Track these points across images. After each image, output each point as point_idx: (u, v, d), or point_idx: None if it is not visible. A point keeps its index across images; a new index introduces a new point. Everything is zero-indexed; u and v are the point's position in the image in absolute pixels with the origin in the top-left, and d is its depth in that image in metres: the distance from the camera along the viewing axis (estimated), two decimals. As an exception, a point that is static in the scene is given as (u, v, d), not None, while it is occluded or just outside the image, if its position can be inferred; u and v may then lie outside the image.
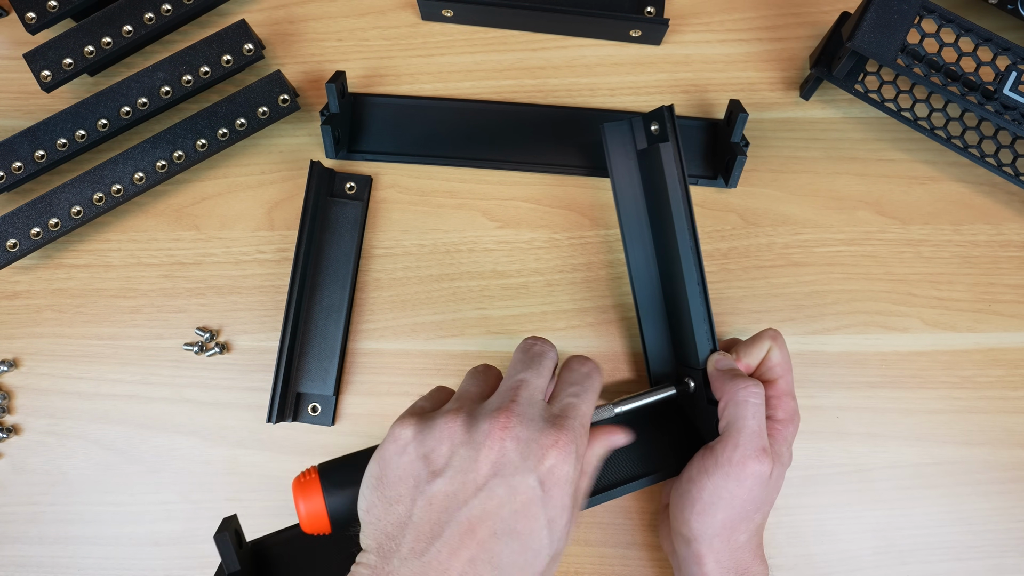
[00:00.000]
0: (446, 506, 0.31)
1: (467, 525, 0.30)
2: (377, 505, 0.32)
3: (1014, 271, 0.49)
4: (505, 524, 0.31)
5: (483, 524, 0.30)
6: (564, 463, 0.32)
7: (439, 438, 0.32)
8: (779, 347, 0.42)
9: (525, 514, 0.31)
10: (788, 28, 0.51)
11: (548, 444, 0.32)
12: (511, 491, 0.31)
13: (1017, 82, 0.43)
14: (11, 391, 0.49)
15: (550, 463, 0.32)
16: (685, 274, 0.41)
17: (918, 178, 0.50)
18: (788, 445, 0.41)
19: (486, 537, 0.30)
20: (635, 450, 0.43)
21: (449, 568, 0.30)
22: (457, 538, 0.30)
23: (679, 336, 0.45)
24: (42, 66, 0.47)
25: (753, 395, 0.38)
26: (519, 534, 0.31)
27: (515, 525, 0.31)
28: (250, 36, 0.48)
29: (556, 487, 0.32)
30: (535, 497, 0.31)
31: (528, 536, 0.31)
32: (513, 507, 0.31)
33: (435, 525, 0.31)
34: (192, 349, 0.48)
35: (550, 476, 0.32)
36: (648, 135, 0.44)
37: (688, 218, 0.41)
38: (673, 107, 0.41)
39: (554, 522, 0.32)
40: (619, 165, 0.46)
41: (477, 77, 0.51)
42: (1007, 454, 0.47)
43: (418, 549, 0.30)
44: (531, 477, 0.31)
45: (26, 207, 0.46)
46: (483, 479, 0.31)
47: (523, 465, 0.31)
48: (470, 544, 0.30)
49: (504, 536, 0.31)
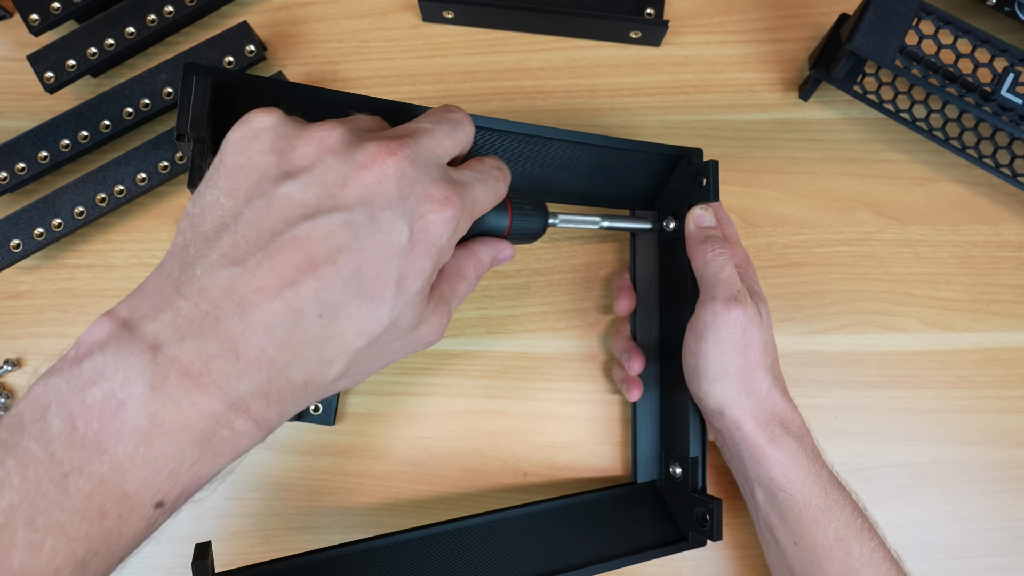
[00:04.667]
0: (287, 216, 0.25)
1: (305, 244, 0.25)
2: (204, 195, 0.26)
3: (1011, 271, 0.49)
4: (351, 259, 0.25)
5: (324, 249, 0.25)
6: (443, 225, 0.27)
7: (307, 139, 0.27)
8: (715, 209, 0.43)
9: (377, 259, 0.26)
10: (787, 30, 0.51)
11: (434, 197, 0.27)
12: (373, 225, 0.26)
13: (1015, 83, 0.43)
14: (14, 391, 0.49)
15: (429, 218, 0.27)
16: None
17: (916, 179, 0.50)
18: (756, 283, 0.42)
19: (322, 265, 0.25)
20: (611, 530, 0.43)
21: (263, 287, 0.24)
22: (287, 254, 0.24)
23: (670, 422, 0.45)
24: (45, 68, 0.47)
25: (719, 254, 0.39)
26: (362, 278, 0.25)
27: (361, 265, 0.25)
28: (252, 38, 0.48)
29: (423, 245, 0.27)
30: (397, 245, 0.26)
31: (371, 285, 0.26)
32: (367, 243, 0.26)
33: (265, 232, 0.25)
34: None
35: (423, 231, 0.27)
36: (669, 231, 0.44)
37: None
38: (718, 163, 0.41)
39: (405, 283, 0.27)
40: (641, 244, 0.47)
41: (478, 78, 0.51)
42: (1004, 453, 0.48)
43: (234, 256, 0.24)
44: (402, 221, 0.26)
45: (29, 208, 0.47)
46: (346, 200, 0.26)
47: (399, 205, 0.26)
48: (301, 267, 0.24)
49: (343, 273, 0.25)
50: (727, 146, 0.50)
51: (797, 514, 0.38)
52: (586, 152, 0.41)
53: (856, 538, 0.38)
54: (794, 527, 0.39)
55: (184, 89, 0.31)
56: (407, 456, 0.48)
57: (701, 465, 0.42)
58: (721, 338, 0.38)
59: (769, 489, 0.39)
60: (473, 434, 0.48)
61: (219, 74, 0.32)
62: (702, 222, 0.41)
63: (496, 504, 0.47)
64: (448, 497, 0.47)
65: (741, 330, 0.38)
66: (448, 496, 0.47)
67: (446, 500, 0.47)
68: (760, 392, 0.39)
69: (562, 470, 0.48)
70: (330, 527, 0.47)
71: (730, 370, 0.38)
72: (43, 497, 0.21)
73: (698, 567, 0.47)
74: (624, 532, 0.42)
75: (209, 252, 0.25)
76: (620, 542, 0.42)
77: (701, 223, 0.41)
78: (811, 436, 0.40)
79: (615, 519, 0.43)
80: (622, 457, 0.48)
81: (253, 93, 0.34)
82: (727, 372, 0.38)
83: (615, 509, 0.44)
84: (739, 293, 0.38)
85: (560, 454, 0.48)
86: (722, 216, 0.44)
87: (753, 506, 0.41)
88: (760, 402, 0.39)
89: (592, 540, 0.42)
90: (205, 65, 0.32)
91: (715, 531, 0.39)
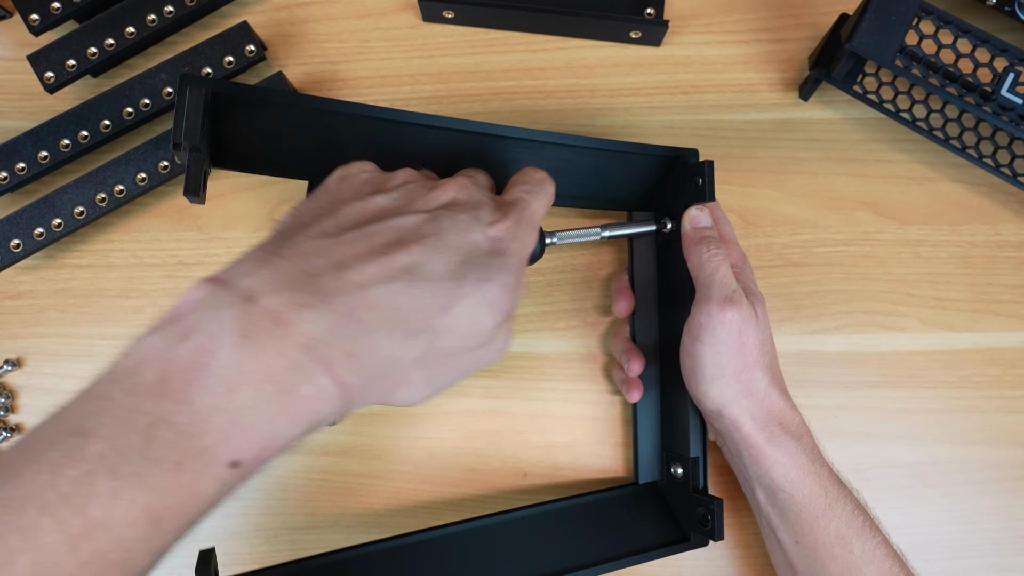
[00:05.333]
0: (380, 215, 0.28)
1: (396, 230, 0.27)
2: (304, 205, 0.30)
3: (1011, 271, 0.49)
4: (437, 243, 0.27)
5: (413, 235, 0.27)
6: (512, 239, 0.30)
7: (395, 175, 0.32)
8: (711, 209, 0.43)
9: (459, 248, 0.28)
10: (787, 30, 0.51)
11: (497, 217, 0.30)
12: (453, 222, 0.28)
13: (1015, 83, 0.43)
14: (15, 390, 0.49)
15: (497, 232, 0.30)
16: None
17: (916, 179, 0.50)
18: (753, 283, 0.42)
19: (411, 244, 0.27)
20: (614, 531, 0.43)
21: (359, 255, 0.26)
22: (380, 236, 0.27)
23: (670, 422, 0.45)
24: (45, 67, 0.47)
25: (715, 254, 0.39)
26: (448, 259, 0.27)
27: (446, 250, 0.27)
28: (252, 37, 0.48)
29: (500, 256, 0.29)
30: (478, 246, 0.29)
31: (455, 268, 0.27)
32: (450, 235, 0.28)
33: (358, 220, 0.28)
34: None
35: (497, 241, 0.29)
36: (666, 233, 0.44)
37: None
38: (713, 163, 0.41)
39: (487, 273, 0.28)
40: (639, 246, 0.47)
41: (478, 78, 0.51)
42: (1004, 453, 0.48)
43: (332, 233, 0.27)
44: (478, 230, 0.29)
45: (29, 208, 0.47)
46: (432, 205, 0.29)
47: (472, 211, 0.29)
48: (392, 243, 0.27)
49: (430, 252, 0.27)
50: (727, 146, 0.50)
51: (798, 513, 0.38)
52: (581, 155, 0.41)
53: (858, 536, 0.38)
54: (795, 526, 0.39)
55: (179, 100, 0.32)
56: (407, 456, 0.48)
57: (702, 465, 0.42)
58: (717, 339, 0.38)
59: (769, 489, 0.39)
60: (473, 434, 0.48)
61: (214, 85, 0.32)
62: (698, 222, 0.41)
63: (496, 504, 0.47)
64: (448, 497, 0.47)
65: (737, 330, 0.38)
66: (448, 496, 0.47)
67: (446, 499, 0.47)
68: (758, 392, 0.39)
69: (562, 470, 0.48)
70: (330, 527, 0.47)
71: (727, 371, 0.38)
72: (128, 447, 0.22)
73: (697, 567, 0.47)
74: (626, 533, 0.42)
75: (309, 230, 0.27)
76: (622, 543, 0.42)
77: (697, 223, 0.41)
78: (811, 435, 0.40)
79: (617, 520, 0.43)
80: (622, 457, 0.48)
81: (250, 101, 0.34)
82: (724, 373, 0.38)
83: (617, 510, 0.44)
84: (734, 293, 0.38)
85: (560, 454, 0.48)
86: (718, 216, 0.44)
87: (755, 506, 0.41)
88: (758, 402, 0.39)
89: (594, 541, 0.42)
90: (200, 77, 0.32)
91: (717, 531, 0.39)
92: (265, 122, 0.35)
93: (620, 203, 0.46)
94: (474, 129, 0.37)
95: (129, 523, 0.22)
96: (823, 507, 0.38)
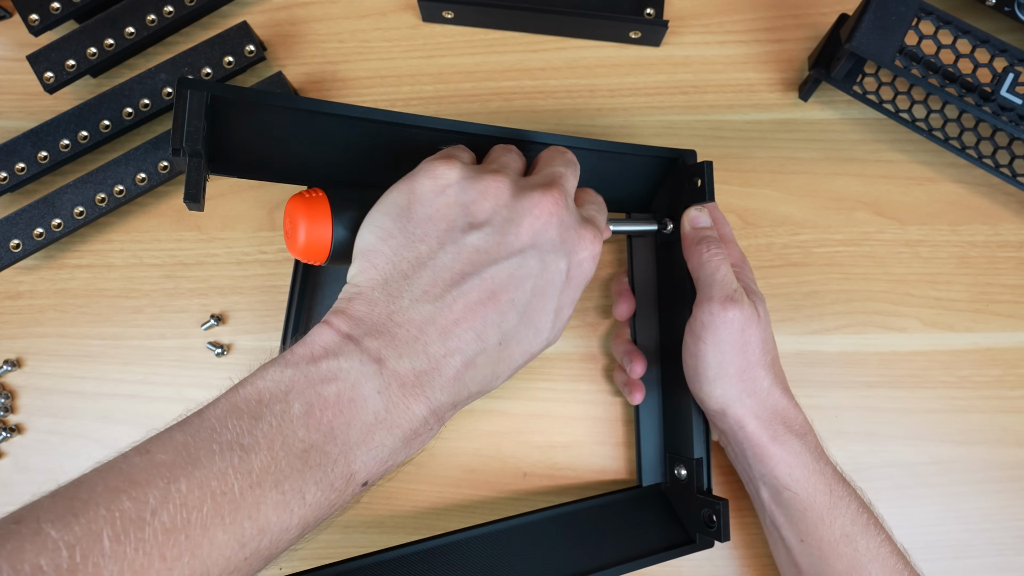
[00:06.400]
0: (475, 260, 0.30)
1: (491, 284, 0.30)
2: (396, 237, 0.31)
3: (1011, 271, 0.49)
4: (525, 295, 0.31)
5: (506, 288, 0.30)
6: (590, 261, 0.33)
7: (484, 192, 0.31)
8: (710, 209, 0.43)
9: (544, 293, 0.31)
10: (787, 30, 0.51)
11: (584, 237, 0.33)
12: (542, 266, 0.31)
13: (1014, 83, 0.43)
14: (14, 391, 0.49)
15: (581, 256, 0.33)
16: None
17: (916, 179, 0.50)
18: (753, 282, 0.42)
19: (504, 301, 0.30)
20: (619, 535, 0.43)
21: (461, 320, 0.30)
22: (476, 293, 0.30)
23: (673, 424, 0.44)
24: (45, 68, 0.47)
25: (715, 254, 0.40)
26: (532, 311, 0.31)
27: (532, 300, 0.31)
28: (252, 38, 0.48)
29: (577, 280, 0.33)
30: (559, 281, 0.32)
31: (538, 316, 0.32)
32: (538, 282, 0.31)
33: (458, 275, 0.30)
34: (215, 350, 0.48)
35: (578, 267, 0.33)
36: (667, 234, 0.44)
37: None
38: (712, 164, 0.41)
39: (561, 312, 0.33)
40: (639, 247, 0.47)
41: (478, 78, 0.51)
42: (1004, 453, 0.48)
43: (433, 293, 0.30)
44: (563, 261, 0.32)
45: (29, 208, 0.47)
46: (520, 246, 0.31)
47: (560, 247, 0.32)
48: (487, 303, 0.30)
49: (520, 306, 0.31)
50: (727, 146, 0.50)
51: (802, 512, 0.38)
52: (580, 156, 0.41)
53: (862, 533, 0.38)
54: (800, 524, 0.39)
55: (179, 104, 0.31)
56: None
57: (706, 466, 0.42)
58: (719, 338, 0.38)
59: (774, 488, 0.39)
60: (473, 434, 0.48)
61: (214, 88, 0.32)
62: (697, 223, 0.41)
63: (496, 504, 0.47)
64: (448, 497, 0.47)
65: (739, 329, 0.38)
66: (448, 496, 0.47)
67: (446, 499, 0.47)
68: (761, 391, 0.39)
69: (562, 470, 0.48)
70: (330, 527, 0.47)
71: (729, 370, 0.38)
72: (288, 466, 0.26)
73: (697, 567, 0.47)
74: (631, 536, 0.42)
75: (411, 287, 0.30)
76: (627, 546, 0.41)
77: (696, 224, 0.41)
78: (814, 433, 0.40)
79: (622, 523, 0.43)
80: (622, 457, 0.48)
81: (250, 104, 0.33)
82: (727, 372, 0.38)
83: (621, 513, 0.44)
84: (735, 292, 0.38)
85: (560, 454, 0.48)
86: (717, 216, 0.44)
87: (759, 505, 0.41)
88: (761, 401, 0.39)
89: (600, 545, 0.42)
90: (199, 80, 0.31)
91: (722, 532, 0.39)
92: (265, 126, 0.35)
93: (619, 204, 0.46)
94: (474, 131, 0.37)
95: (284, 529, 0.26)
96: (828, 505, 0.38)
